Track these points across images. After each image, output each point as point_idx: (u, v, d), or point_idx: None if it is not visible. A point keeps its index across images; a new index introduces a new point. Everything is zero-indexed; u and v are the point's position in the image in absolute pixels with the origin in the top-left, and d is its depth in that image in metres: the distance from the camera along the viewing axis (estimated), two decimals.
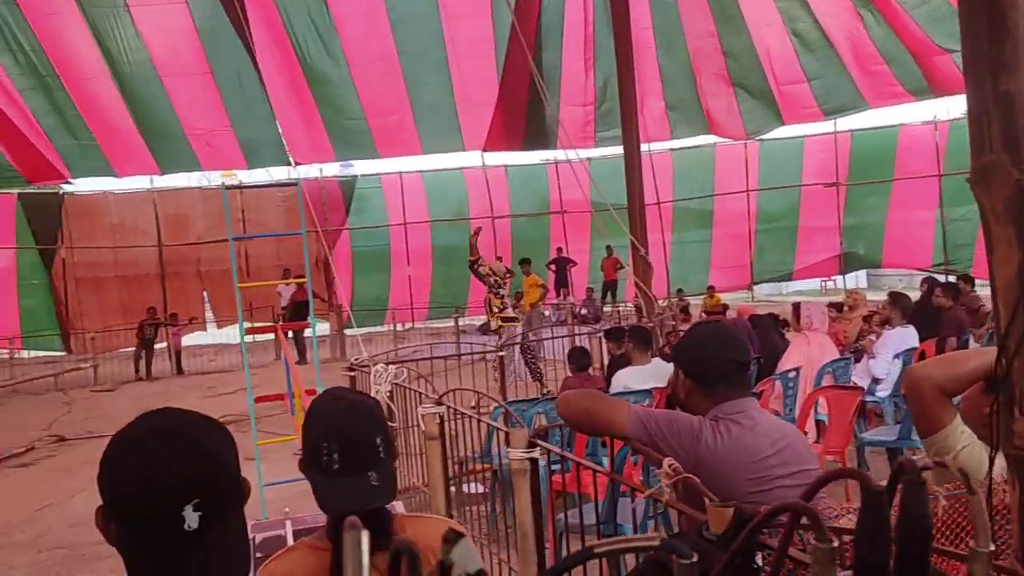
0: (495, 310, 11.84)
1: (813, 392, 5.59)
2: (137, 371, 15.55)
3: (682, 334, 2.87)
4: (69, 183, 17.45)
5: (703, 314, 15.90)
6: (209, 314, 19.65)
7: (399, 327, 18.37)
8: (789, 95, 15.33)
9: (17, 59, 13.58)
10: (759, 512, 1.72)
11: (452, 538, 0.47)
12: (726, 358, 2.22)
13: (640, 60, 12.95)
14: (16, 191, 17.67)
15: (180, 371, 15.76)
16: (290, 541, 2.84)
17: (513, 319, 11.92)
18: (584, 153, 15.10)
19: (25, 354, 17.57)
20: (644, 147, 11.58)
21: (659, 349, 7.06)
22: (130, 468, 1.13)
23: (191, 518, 1.08)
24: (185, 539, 1.08)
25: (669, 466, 2.02)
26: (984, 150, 1.17)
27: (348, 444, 1.58)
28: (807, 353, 6.23)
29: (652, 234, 11.75)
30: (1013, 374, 1.14)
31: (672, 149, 18.75)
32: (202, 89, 14.42)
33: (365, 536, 0.46)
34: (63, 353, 17.81)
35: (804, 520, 0.65)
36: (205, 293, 19.28)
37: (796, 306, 6.80)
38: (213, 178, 21.76)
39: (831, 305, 10.10)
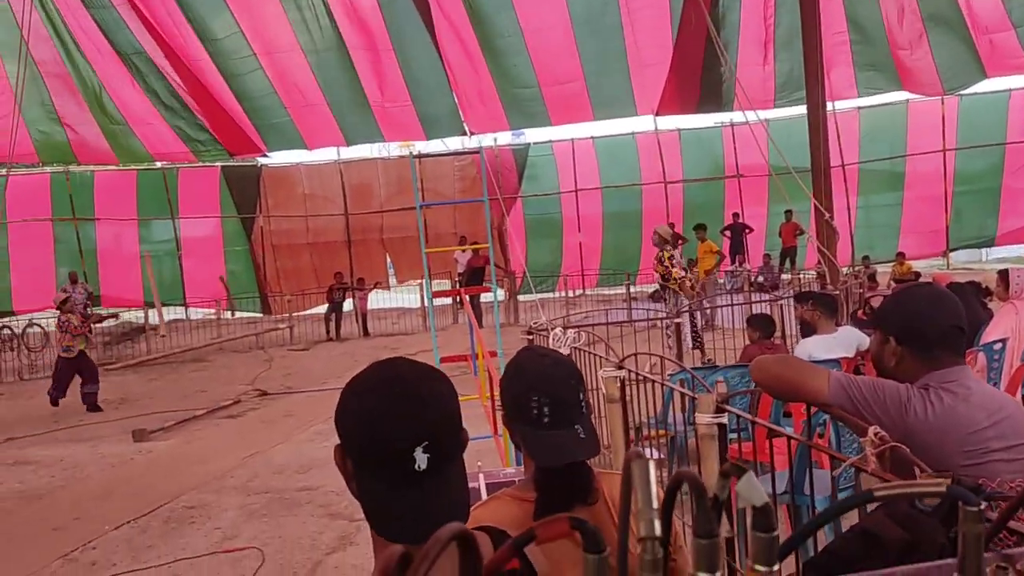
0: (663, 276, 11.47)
1: (1022, 366, 5.17)
2: (328, 332, 16.57)
3: (885, 299, 2.74)
4: (266, 156, 18.77)
5: (892, 282, 14.99)
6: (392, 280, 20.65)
7: (570, 293, 18.51)
8: (993, 45, 14.05)
9: (223, 39, 14.61)
10: (978, 484, 1.64)
11: (734, 471, 0.50)
12: (945, 322, 2.11)
13: (826, 13, 12.25)
14: (219, 164, 19.20)
15: (366, 333, 16.64)
16: (484, 493, 2.96)
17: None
18: (763, 114, 14.51)
19: (228, 315, 19.13)
20: (828, 106, 10.99)
21: (852, 315, 6.74)
22: (366, 411, 1.21)
23: (421, 459, 1.16)
24: (416, 478, 1.16)
25: (875, 435, 1.96)
26: None
27: (557, 398, 1.63)
28: (1015, 323, 5.76)
29: (836, 198, 11.18)
30: None
31: (859, 108, 17.69)
32: (387, 63, 15.02)
33: (652, 465, 0.49)
34: (262, 315, 19.26)
35: None
36: (388, 258, 20.22)
37: (1004, 273, 6.27)
38: (392, 149, 22.71)
39: None
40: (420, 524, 1.14)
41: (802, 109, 11.00)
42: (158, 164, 19.69)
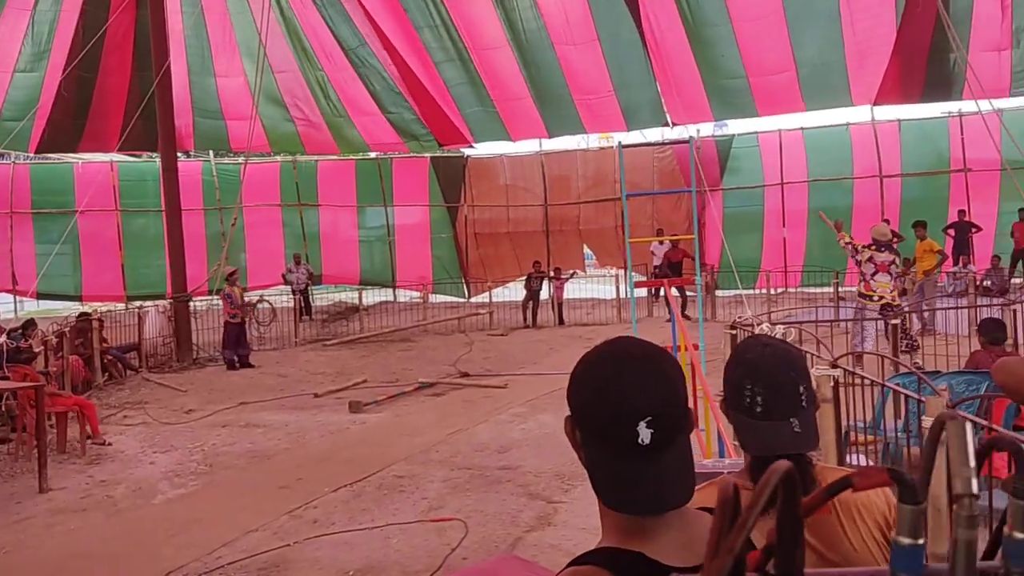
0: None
1: None
2: (525, 319, 17.00)
3: None
4: (472, 147, 19.53)
5: None
6: (590, 270, 20.89)
7: (772, 291, 17.90)
8: None
9: (435, 33, 15.36)
10: None
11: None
12: None
13: None
14: (428, 155, 20.19)
15: (561, 321, 16.91)
16: None
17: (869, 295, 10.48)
18: (997, 103, 13.34)
19: (433, 299, 20.10)
20: None
21: None
22: (594, 382, 1.27)
23: (644, 433, 1.19)
24: (639, 452, 1.19)
25: None
26: None
27: (772, 388, 1.64)
28: None
29: None
30: None
31: None
32: (590, 55, 15.18)
33: (969, 427, 0.53)
34: (464, 299, 20.07)
35: None
36: (586, 248, 20.46)
37: None
38: (591, 140, 22.87)
39: None
40: (642, 497, 1.19)
41: None
42: (373, 154, 21.03)
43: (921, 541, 0.51)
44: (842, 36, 14.09)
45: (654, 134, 19.33)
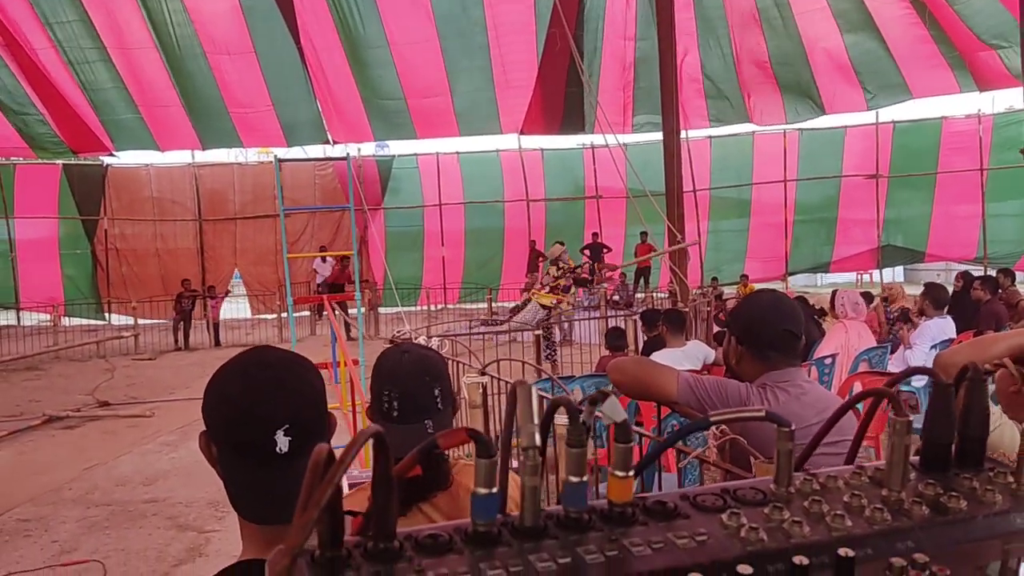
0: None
1: (850, 377, 5.63)
2: (176, 341, 15.87)
3: (736, 303, 2.94)
4: (113, 155, 17.82)
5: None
6: (239, 289, 20.02)
7: (432, 307, 18.55)
8: (833, 84, 15.21)
9: (70, 31, 13.84)
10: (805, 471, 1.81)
11: (600, 398, 0.58)
12: (781, 327, 2.28)
13: (682, 47, 12.93)
14: (61, 162, 18.07)
15: (218, 343, 16.04)
16: (346, 490, 2.97)
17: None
18: (622, 138, 15.05)
19: (67, 321, 18.00)
20: (682, 134, 11.57)
21: (714, 318, 7.13)
22: (230, 394, 1.23)
23: (282, 442, 1.18)
24: (277, 461, 1.18)
25: (717, 428, 2.11)
26: None
27: (407, 393, 1.69)
28: (844, 341, 6.26)
29: (688, 222, 11.76)
30: None
31: (711, 136, 18.67)
32: (247, 68, 14.63)
33: (535, 390, 0.57)
34: (103, 322, 18.22)
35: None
36: (237, 269, 19.62)
37: (834, 294, 6.82)
38: (250, 155, 22.09)
39: (864, 294, 10.08)
40: (280, 505, 1.15)
41: (658, 135, 11.49)
42: None
43: (495, 490, 0.54)
44: (492, 67, 15.05)
45: (316, 151, 19.17)
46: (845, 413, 0.84)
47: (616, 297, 17.26)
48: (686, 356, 5.93)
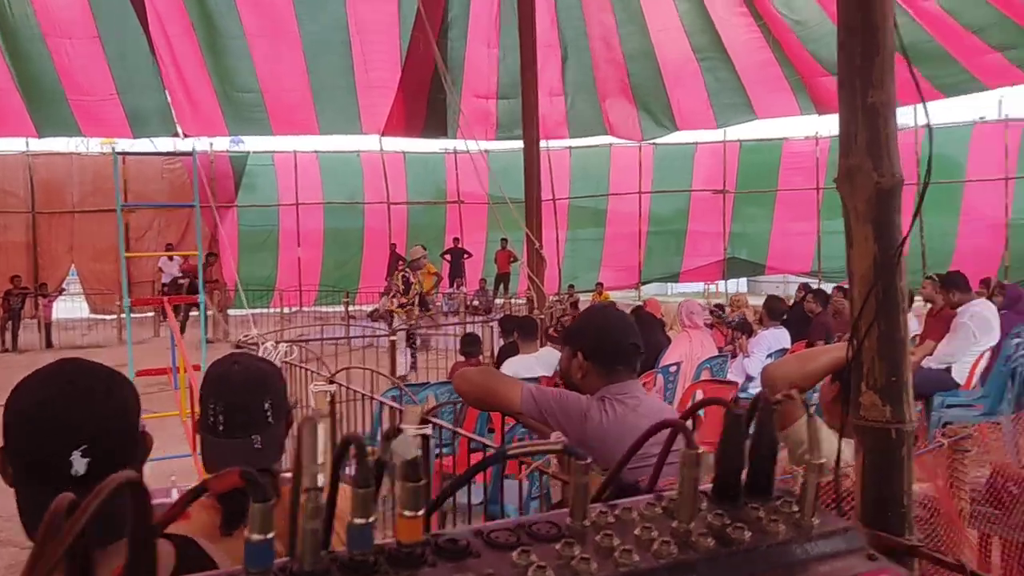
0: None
1: (692, 385, 5.88)
2: (3, 342, 14.73)
3: (573, 318, 3.00)
4: None
5: None
6: (76, 287, 18.79)
7: (286, 309, 18.04)
8: (684, 102, 15.86)
9: None
10: (637, 482, 1.87)
11: (392, 435, 0.56)
12: (628, 341, 2.35)
13: (544, 58, 13.13)
14: None
15: (50, 344, 15.00)
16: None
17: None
18: (484, 145, 15.15)
19: None
20: (543, 144, 11.76)
21: (546, 332, 7.23)
22: (23, 410, 1.13)
23: (79, 464, 1.09)
24: (72, 484, 1.06)
25: (556, 440, 2.14)
26: (850, 154, 1.34)
27: (233, 406, 1.61)
28: (688, 350, 6.53)
29: (547, 230, 11.96)
30: (863, 353, 1.30)
31: (570, 147, 19.08)
32: (89, 53, 13.75)
33: (322, 428, 0.55)
34: None
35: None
36: (74, 266, 18.40)
37: (680, 305, 7.12)
38: (91, 145, 20.77)
39: (717, 306, 10.59)
40: None
41: (519, 144, 11.62)
42: None
43: (271, 536, 0.52)
44: (353, 66, 14.79)
45: (166, 144, 18.23)
46: (656, 432, 0.87)
47: (476, 302, 17.38)
48: (539, 362, 6.02)
